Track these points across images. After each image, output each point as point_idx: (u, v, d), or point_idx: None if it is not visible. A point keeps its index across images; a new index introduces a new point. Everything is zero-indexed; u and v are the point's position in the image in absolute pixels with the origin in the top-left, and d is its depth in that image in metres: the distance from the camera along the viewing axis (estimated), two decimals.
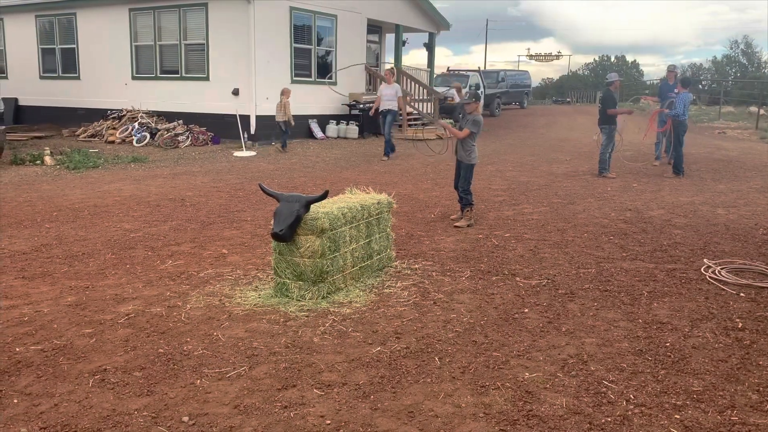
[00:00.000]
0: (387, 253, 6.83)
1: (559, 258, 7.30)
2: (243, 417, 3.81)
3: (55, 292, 6.03)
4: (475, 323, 5.29)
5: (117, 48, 20.77)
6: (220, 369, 4.43)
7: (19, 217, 9.32)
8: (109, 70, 21.12)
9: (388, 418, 3.79)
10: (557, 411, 3.89)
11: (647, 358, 4.64)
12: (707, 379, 4.32)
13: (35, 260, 7.11)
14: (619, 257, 7.35)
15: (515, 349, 4.79)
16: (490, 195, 11.24)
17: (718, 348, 4.84)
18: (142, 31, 20.32)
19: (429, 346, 4.83)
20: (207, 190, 11.68)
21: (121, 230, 8.50)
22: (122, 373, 4.36)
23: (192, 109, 19.37)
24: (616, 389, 4.17)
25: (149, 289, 6.14)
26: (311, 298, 5.71)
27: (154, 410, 3.89)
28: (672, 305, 5.76)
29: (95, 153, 16.57)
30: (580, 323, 5.32)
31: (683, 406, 3.95)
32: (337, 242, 5.87)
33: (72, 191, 11.55)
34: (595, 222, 9.21)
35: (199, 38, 19.19)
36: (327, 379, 4.29)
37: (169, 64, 19.94)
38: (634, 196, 11.41)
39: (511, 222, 9.17)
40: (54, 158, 15.22)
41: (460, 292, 6.09)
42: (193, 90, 19.40)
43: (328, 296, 5.80)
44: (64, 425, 3.72)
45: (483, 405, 3.96)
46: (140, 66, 20.51)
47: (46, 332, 5.06)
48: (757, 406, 3.97)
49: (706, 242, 8.08)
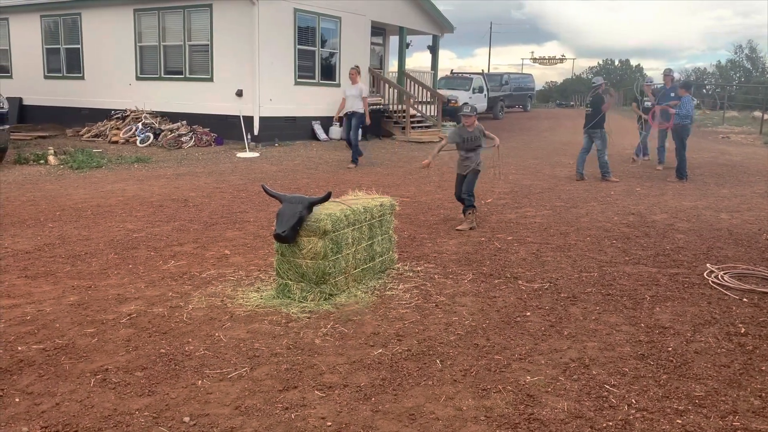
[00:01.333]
0: (389, 255, 6.82)
1: (562, 261, 7.29)
2: (244, 418, 3.81)
3: (57, 292, 6.03)
4: (477, 326, 5.28)
5: (121, 48, 20.80)
6: (221, 370, 4.43)
7: (22, 216, 9.34)
8: (113, 71, 21.15)
9: (389, 420, 3.79)
10: (559, 415, 3.88)
11: (649, 363, 4.63)
12: (709, 384, 4.31)
13: (38, 259, 7.12)
14: (621, 261, 7.34)
15: (517, 352, 4.78)
16: (493, 198, 11.23)
17: (720, 353, 4.83)
18: (146, 31, 20.36)
19: (430, 348, 4.83)
20: (210, 190, 11.69)
21: (124, 230, 8.51)
22: (123, 373, 4.36)
23: (195, 109, 19.40)
24: (618, 393, 4.16)
25: (151, 289, 6.14)
26: (313, 300, 5.70)
27: (156, 410, 3.89)
28: (674, 310, 5.75)
29: (99, 153, 16.59)
30: (582, 327, 5.32)
31: (685, 411, 3.95)
32: (339, 244, 5.87)
33: (75, 191, 11.56)
34: (598, 225, 9.20)
35: (203, 39, 19.22)
36: (328, 380, 4.29)
37: (173, 65, 19.98)
38: (637, 200, 11.40)
39: (514, 225, 9.16)
40: (57, 158, 15.24)
41: (462, 294, 6.09)
42: (196, 91, 19.43)
43: (330, 298, 5.80)
44: (65, 424, 3.73)
45: (484, 408, 3.95)
46: (144, 66, 20.55)
47: (48, 331, 5.07)
48: (760, 411, 3.96)
49: (710, 247, 8.07)
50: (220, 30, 18.87)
